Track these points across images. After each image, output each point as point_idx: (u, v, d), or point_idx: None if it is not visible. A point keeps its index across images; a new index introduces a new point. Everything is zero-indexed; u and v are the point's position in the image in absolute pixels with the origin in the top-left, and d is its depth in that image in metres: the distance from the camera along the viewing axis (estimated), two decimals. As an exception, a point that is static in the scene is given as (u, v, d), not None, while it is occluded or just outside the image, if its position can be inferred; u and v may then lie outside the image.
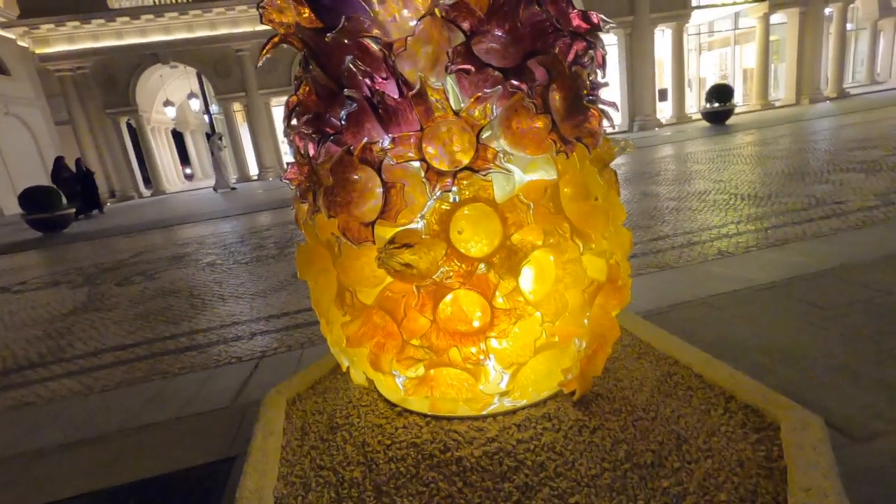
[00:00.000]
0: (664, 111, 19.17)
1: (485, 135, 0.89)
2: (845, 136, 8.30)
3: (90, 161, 17.55)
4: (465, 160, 0.88)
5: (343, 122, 0.95)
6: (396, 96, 0.91)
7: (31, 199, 10.02)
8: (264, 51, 1.16)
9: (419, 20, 0.86)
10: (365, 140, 0.92)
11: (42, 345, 3.34)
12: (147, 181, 19.58)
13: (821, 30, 18.35)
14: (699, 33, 21.33)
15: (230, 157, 16.48)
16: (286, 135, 1.08)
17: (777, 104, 18.90)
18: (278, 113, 19.04)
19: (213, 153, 16.04)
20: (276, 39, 1.11)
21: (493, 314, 0.93)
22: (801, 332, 1.95)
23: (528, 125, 0.95)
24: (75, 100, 17.07)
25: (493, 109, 0.89)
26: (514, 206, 0.90)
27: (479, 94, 0.85)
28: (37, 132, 24.59)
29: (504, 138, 0.98)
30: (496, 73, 0.83)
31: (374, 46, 0.95)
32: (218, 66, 17.69)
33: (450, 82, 1.02)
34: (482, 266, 0.90)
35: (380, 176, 0.89)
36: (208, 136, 21.13)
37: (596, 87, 1.07)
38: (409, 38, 0.87)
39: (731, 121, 13.94)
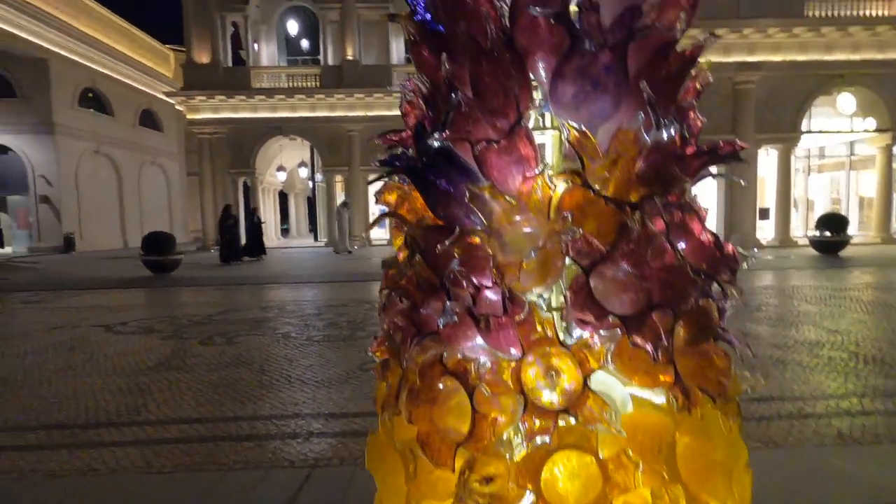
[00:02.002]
0: (764, 229, 18.05)
1: (594, 381, 0.79)
2: None
3: (206, 211, 19.70)
4: (569, 399, 0.79)
5: (441, 327, 0.90)
6: (500, 313, 0.86)
7: (151, 241, 11.29)
8: (373, 223, 1.18)
9: (535, 250, 0.82)
10: (460, 356, 0.87)
11: (122, 400, 3.52)
12: (249, 231, 21.45)
13: (956, 164, 16.77)
14: (809, 156, 20.37)
15: (346, 221, 17.55)
16: (380, 314, 1.06)
17: (901, 238, 17.10)
18: (374, 188, 20.43)
19: (338, 220, 17.27)
20: (383, 217, 1.13)
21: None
22: None
23: (644, 362, 0.84)
24: (207, 158, 19.56)
25: (607, 354, 0.80)
26: (619, 462, 0.78)
27: (595, 335, 0.77)
28: (171, 180, 28.42)
29: (614, 365, 0.88)
30: (615, 319, 0.75)
31: (485, 253, 0.93)
32: (329, 142, 19.62)
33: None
34: (574, 526, 0.77)
35: (471, 401, 0.82)
36: (310, 201, 22.85)
37: (723, 312, 0.96)
38: (524, 263, 0.83)
39: (844, 252, 12.74)
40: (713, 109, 15.37)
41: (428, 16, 1.08)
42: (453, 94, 0.94)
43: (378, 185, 1.14)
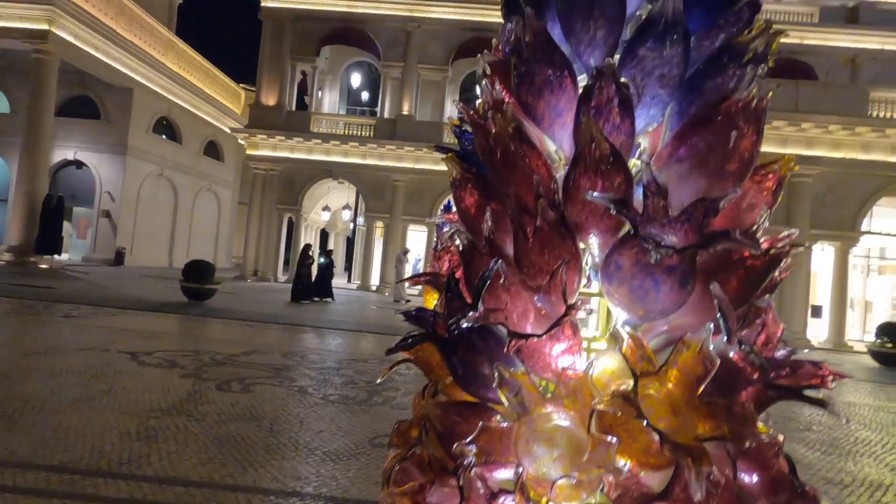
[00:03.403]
0: (815, 326, 16.92)
1: None
2: None
3: (249, 241, 20.37)
4: None
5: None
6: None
7: (190, 269, 11.66)
8: (385, 372, 1.08)
9: (566, 478, 0.69)
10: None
11: (127, 446, 3.45)
12: (287, 264, 21.96)
13: None
14: (868, 256, 19.32)
15: (404, 267, 17.57)
16: (384, 485, 0.94)
17: (972, 356, 15.58)
18: (411, 236, 20.71)
19: (397, 268, 17.52)
20: (393, 367, 1.03)
21: None
22: None
23: None
24: (259, 191, 20.45)
25: None
26: None
27: None
28: (223, 207, 29.78)
29: None
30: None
31: (508, 448, 0.80)
32: (374, 189, 20.20)
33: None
34: None
35: None
36: (349, 241, 23.21)
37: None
38: (558, 484, 0.70)
39: (908, 366, 11.68)
40: (766, 199, 14.89)
41: (477, 160, 1.02)
42: (493, 261, 0.85)
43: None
